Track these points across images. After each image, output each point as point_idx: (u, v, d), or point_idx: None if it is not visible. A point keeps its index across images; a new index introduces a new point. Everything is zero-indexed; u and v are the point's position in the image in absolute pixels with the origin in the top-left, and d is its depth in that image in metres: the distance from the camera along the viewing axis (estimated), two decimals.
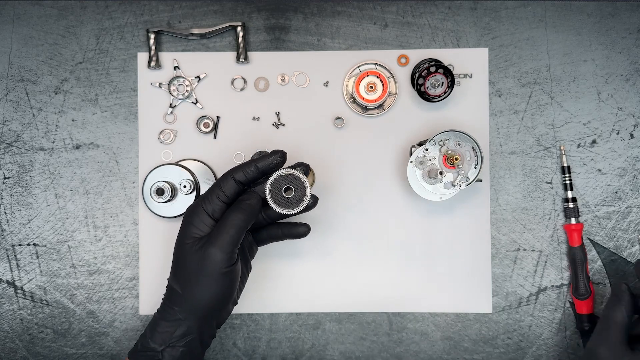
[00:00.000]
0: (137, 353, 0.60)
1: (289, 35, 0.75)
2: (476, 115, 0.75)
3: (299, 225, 0.64)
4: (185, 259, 0.58)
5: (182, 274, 0.58)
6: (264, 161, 0.59)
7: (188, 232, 0.58)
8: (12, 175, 0.75)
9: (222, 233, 0.56)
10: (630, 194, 0.74)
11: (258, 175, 0.59)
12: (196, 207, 0.59)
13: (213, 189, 0.59)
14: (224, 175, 0.59)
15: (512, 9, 0.75)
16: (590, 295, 0.72)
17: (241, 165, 0.60)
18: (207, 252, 0.56)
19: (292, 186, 0.58)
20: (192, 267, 0.57)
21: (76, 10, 0.75)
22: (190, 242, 0.58)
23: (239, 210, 0.57)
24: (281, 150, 0.60)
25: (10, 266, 0.75)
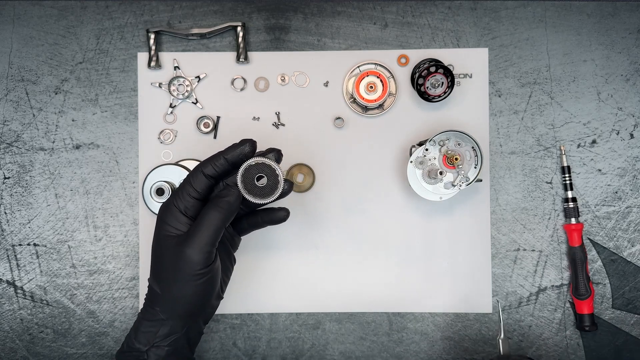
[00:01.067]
0: (123, 353, 0.59)
1: (289, 35, 0.75)
2: (476, 115, 0.75)
3: (277, 211, 0.62)
4: (162, 259, 0.56)
5: (160, 274, 0.57)
6: (233, 152, 0.56)
7: (163, 231, 0.56)
8: (12, 175, 0.75)
9: (199, 233, 0.54)
10: (630, 194, 0.74)
11: (228, 167, 0.57)
12: (168, 205, 0.56)
13: (183, 185, 0.56)
14: (193, 170, 0.57)
15: (512, 9, 0.75)
16: (590, 295, 0.72)
17: (210, 158, 0.57)
18: (184, 253, 0.54)
19: (264, 174, 0.56)
20: (169, 268, 0.55)
21: (76, 10, 0.75)
22: (166, 241, 0.56)
23: (217, 208, 0.55)
24: (250, 140, 0.57)
25: (10, 266, 0.75)
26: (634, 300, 0.74)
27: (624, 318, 0.74)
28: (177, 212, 0.56)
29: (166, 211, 0.56)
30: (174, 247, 0.55)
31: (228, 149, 0.57)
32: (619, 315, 0.74)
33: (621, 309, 0.74)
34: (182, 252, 0.54)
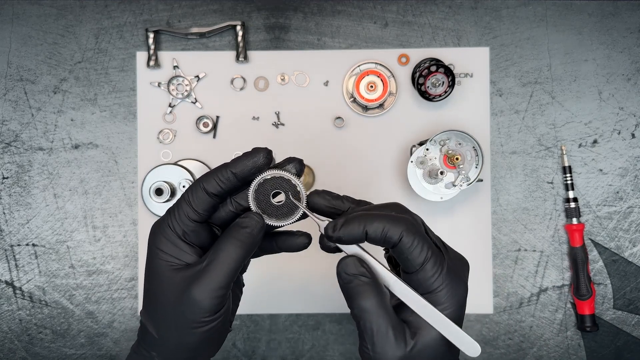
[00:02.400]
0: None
1: (288, 34, 0.75)
2: (477, 115, 0.74)
3: (297, 236, 0.49)
4: (159, 296, 0.44)
5: (156, 314, 0.45)
6: (243, 165, 0.43)
7: (159, 260, 0.44)
8: (11, 175, 0.74)
9: (212, 272, 0.42)
10: (631, 194, 0.74)
11: (236, 183, 0.44)
12: (162, 228, 0.45)
13: (180, 204, 0.44)
14: (192, 186, 0.44)
15: (513, 8, 0.74)
16: (592, 295, 0.72)
17: (213, 172, 0.44)
18: (190, 296, 0.42)
19: (282, 190, 0.45)
20: (168, 309, 0.44)
21: (75, 9, 0.75)
22: (166, 274, 0.44)
23: (236, 242, 0.43)
24: (264, 149, 0.44)
25: (9, 266, 0.74)
26: (635, 300, 0.74)
27: (625, 319, 0.74)
28: (174, 236, 0.44)
29: (160, 235, 0.44)
30: (177, 285, 0.43)
31: (237, 160, 0.44)
32: (620, 316, 0.74)
33: (622, 309, 0.74)
34: (189, 295, 0.42)
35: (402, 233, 0.41)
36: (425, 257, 0.41)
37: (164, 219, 0.45)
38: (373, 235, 0.41)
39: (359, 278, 0.42)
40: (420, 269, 0.41)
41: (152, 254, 0.45)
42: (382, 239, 0.41)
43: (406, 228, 0.41)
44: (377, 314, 0.41)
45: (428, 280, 0.41)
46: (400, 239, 0.41)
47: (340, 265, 0.43)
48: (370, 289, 0.42)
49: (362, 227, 0.41)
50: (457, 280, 0.43)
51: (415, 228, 0.42)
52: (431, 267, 0.41)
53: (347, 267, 0.42)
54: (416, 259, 0.41)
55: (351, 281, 0.42)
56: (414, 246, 0.41)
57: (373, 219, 0.41)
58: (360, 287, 0.42)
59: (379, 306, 0.41)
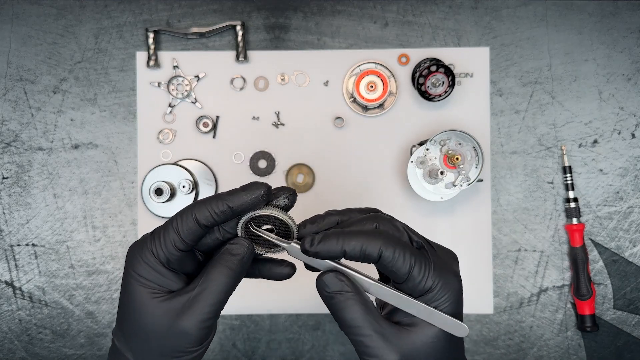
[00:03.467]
0: None
1: (288, 34, 0.75)
2: (477, 115, 0.74)
3: (281, 265, 0.47)
4: (141, 323, 0.42)
5: (137, 342, 0.43)
6: (240, 200, 0.41)
7: (139, 287, 0.42)
8: (11, 175, 0.74)
9: (202, 302, 0.41)
10: (631, 194, 0.74)
11: (231, 216, 0.42)
12: (145, 255, 0.42)
13: (167, 231, 0.42)
14: (183, 215, 0.42)
15: (513, 8, 0.74)
16: (592, 295, 0.72)
17: (207, 202, 0.41)
18: (180, 326, 0.41)
19: (273, 226, 0.44)
20: (152, 337, 0.42)
21: (75, 9, 0.75)
22: (148, 302, 0.42)
23: (228, 271, 0.42)
24: (265, 185, 0.42)
25: (8, 266, 0.74)
26: (635, 300, 0.74)
27: (625, 319, 0.74)
28: (157, 264, 0.42)
29: (141, 261, 0.42)
30: (163, 314, 0.41)
31: (234, 194, 0.42)
32: (621, 316, 0.74)
33: (622, 309, 0.74)
34: (177, 325, 0.41)
35: (380, 249, 0.40)
36: (410, 264, 0.40)
37: (144, 244, 0.42)
38: (352, 253, 0.40)
39: (340, 294, 0.41)
40: (408, 277, 0.41)
41: (131, 280, 0.42)
42: (362, 257, 0.40)
43: (384, 242, 0.40)
44: (364, 326, 0.41)
45: (418, 284, 0.41)
46: (380, 254, 0.40)
47: (319, 282, 0.42)
48: (353, 302, 0.41)
49: (340, 246, 0.40)
50: (448, 274, 0.42)
51: (393, 240, 0.41)
52: (418, 272, 0.41)
53: (327, 285, 0.42)
54: (401, 270, 0.40)
55: (333, 297, 0.41)
56: (396, 258, 0.40)
57: (351, 237, 0.41)
58: (343, 302, 0.41)
59: (365, 318, 0.41)
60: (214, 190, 0.74)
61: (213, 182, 0.74)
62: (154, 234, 0.42)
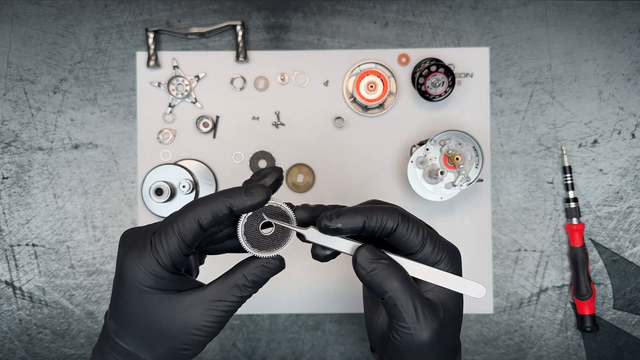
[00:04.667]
0: None
1: (288, 34, 0.75)
2: (477, 115, 0.74)
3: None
4: (146, 324, 0.42)
5: (143, 341, 0.43)
6: (242, 202, 0.41)
7: (143, 293, 0.41)
8: (11, 175, 0.74)
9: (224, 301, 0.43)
10: (631, 194, 0.74)
11: (230, 217, 0.42)
12: (148, 264, 0.41)
13: (169, 236, 0.41)
14: (184, 217, 0.41)
15: (513, 8, 0.74)
16: (592, 295, 0.72)
17: (208, 202, 0.41)
18: (193, 324, 0.42)
19: (270, 219, 0.43)
20: (160, 336, 0.42)
21: (75, 9, 0.75)
22: (149, 301, 0.42)
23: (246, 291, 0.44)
24: (267, 189, 0.42)
25: (9, 266, 0.74)
26: (635, 300, 0.74)
27: (625, 319, 0.74)
28: (163, 271, 0.41)
29: (145, 272, 0.41)
30: (173, 313, 0.42)
31: (234, 196, 0.41)
32: (620, 316, 0.74)
33: (622, 309, 0.74)
34: (189, 322, 0.42)
35: (398, 219, 0.42)
36: (423, 235, 0.43)
37: (144, 253, 0.41)
38: (372, 224, 0.42)
39: (380, 262, 0.43)
40: (421, 249, 0.43)
41: (133, 289, 0.41)
42: (381, 228, 0.42)
43: (400, 214, 0.43)
44: (410, 291, 0.42)
45: (431, 255, 0.43)
46: (397, 225, 0.42)
47: (357, 256, 0.43)
48: (395, 269, 0.42)
49: (361, 217, 0.42)
50: (451, 247, 0.46)
51: (407, 213, 0.43)
52: (430, 243, 0.43)
53: (367, 256, 0.43)
54: (415, 240, 0.43)
55: (375, 267, 0.42)
56: (411, 229, 0.43)
57: (370, 210, 0.42)
58: (385, 270, 0.42)
59: (409, 283, 0.42)
60: (214, 190, 0.74)
61: (213, 182, 0.74)
62: (153, 243, 0.41)
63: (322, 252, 0.45)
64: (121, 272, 0.42)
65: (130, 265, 0.41)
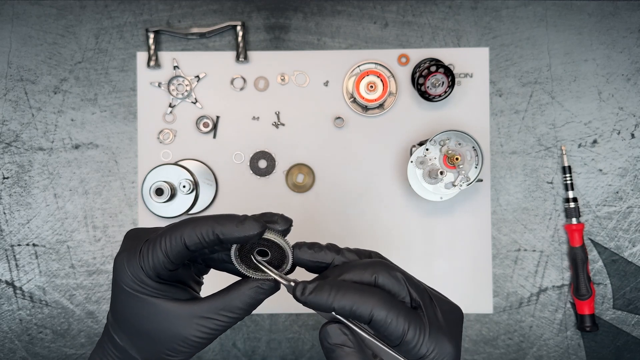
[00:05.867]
0: None
1: (288, 34, 0.75)
2: (477, 115, 0.74)
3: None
4: (136, 323, 0.43)
5: (134, 338, 0.43)
6: (230, 233, 0.40)
7: (122, 284, 0.42)
8: (11, 175, 0.75)
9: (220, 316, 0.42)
10: (631, 194, 0.74)
11: (218, 245, 0.41)
12: (134, 270, 0.41)
13: (155, 250, 0.41)
14: (172, 235, 0.41)
15: (513, 8, 0.74)
16: (591, 295, 0.72)
17: (198, 226, 0.40)
18: (182, 333, 0.42)
19: (268, 249, 0.42)
20: (148, 337, 0.43)
21: (75, 9, 0.75)
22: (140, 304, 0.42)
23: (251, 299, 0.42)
24: (261, 224, 0.40)
25: (9, 266, 0.74)
26: (634, 300, 0.74)
27: (625, 318, 0.74)
28: (141, 273, 0.41)
29: (130, 276, 0.42)
30: (163, 319, 0.42)
31: (224, 224, 0.40)
32: (620, 316, 0.74)
33: (622, 309, 0.74)
34: (179, 331, 0.42)
35: (372, 311, 0.38)
36: (403, 328, 0.38)
37: (131, 260, 0.41)
38: (341, 312, 0.39)
39: (341, 348, 0.39)
40: (402, 342, 0.38)
41: (120, 288, 0.42)
42: (352, 316, 0.39)
43: (376, 303, 0.38)
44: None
45: (412, 349, 0.39)
46: (371, 316, 0.38)
47: (321, 333, 0.40)
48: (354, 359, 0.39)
49: (331, 301, 0.39)
50: (444, 341, 0.39)
51: (387, 300, 0.39)
52: (412, 336, 0.38)
53: (329, 337, 0.40)
54: (393, 333, 0.38)
55: (334, 351, 0.39)
56: (388, 321, 0.38)
57: (342, 294, 0.38)
58: (343, 357, 0.39)
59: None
60: (214, 190, 0.74)
61: (213, 182, 0.74)
62: (141, 251, 0.41)
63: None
64: (113, 271, 0.43)
65: (119, 266, 0.42)
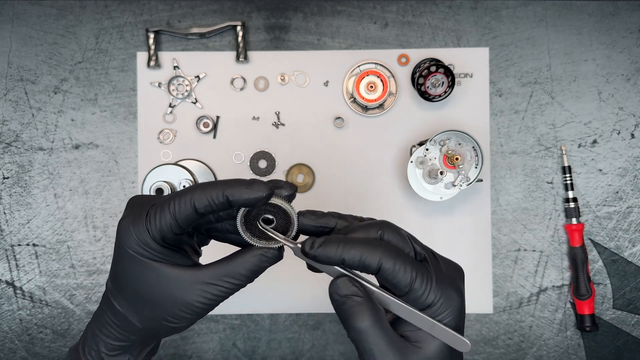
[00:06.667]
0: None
1: (288, 34, 0.75)
2: (477, 115, 0.74)
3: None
4: (139, 289, 0.43)
5: (135, 305, 0.44)
6: (240, 195, 0.40)
7: (127, 248, 0.42)
8: (12, 175, 0.75)
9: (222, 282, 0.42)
10: (631, 194, 0.74)
11: (227, 208, 0.41)
12: (140, 232, 0.41)
13: (164, 213, 0.41)
14: (181, 198, 0.41)
15: (513, 8, 0.74)
16: (591, 295, 0.72)
17: (207, 189, 0.41)
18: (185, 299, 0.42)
19: (274, 216, 0.43)
20: (150, 304, 0.43)
21: (75, 9, 0.75)
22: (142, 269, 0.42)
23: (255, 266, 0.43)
24: (269, 187, 0.41)
25: (9, 266, 0.74)
26: (634, 300, 0.74)
27: (625, 318, 0.74)
28: (147, 236, 0.42)
29: (135, 239, 0.42)
30: (165, 285, 0.42)
31: (234, 187, 0.41)
32: (620, 316, 0.74)
33: (622, 309, 0.74)
34: (181, 296, 0.42)
35: (380, 260, 0.39)
36: (411, 277, 0.39)
37: (137, 222, 0.42)
38: (350, 262, 0.40)
39: (352, 298, 0.40)
40: (409, 290, 0.40)
41: (124, 252, 0.42)
42: (361, 267, 0.40)
43: (384, 254, 0.39)
44: (375, 334, 0.40)
45: (420, 298, 0.40)
46: (379, 266, 0.39)
47: (331, 287, 0.41)
48: (365, 308, 0.40)
49: (340, 253, 0.40)
50: (449, 290, 0.41)
51: (394, 251, 0.40)
52: (419, 285, 0.40)
53: (339, 289, 0.41)
54: (401, 282, 0.39)
55: (344, 302, 0.40)
56: (396, 270, 0.39)
57: (351, 245, 0.40)
58: (354, 307, 0.40)
59: (376, 325, 0.40)
60: None
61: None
62: (149, 214, 0.41)
63: (314, 266, 0.43)
64: (117, 235, 0.43)
65: (124, 230, 0.42)
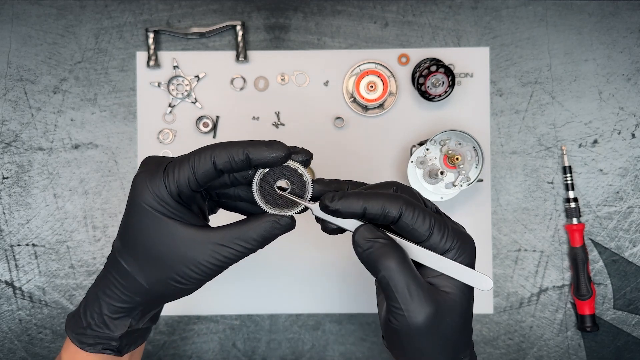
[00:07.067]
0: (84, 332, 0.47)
1: (288, 34, 0.75)
2: (477, 115, 0.74)
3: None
4: (151, 246, 0.43)
5: (144, 263, 0.44)
6: (260, 154, 0.42)
7: (141, 202, 0.42)
8: (11, 175, 0.74)
9: (234, 244, 0.43)
10: (631, 194, 0.74)
11: (247, 167, 0.42)
12: (157, 186, 0.42)
13: (183, 167, 0.42)
14: (202, 154, 0.42)
15: (513, 8, 0.74)
16: (592, 295, 0.72)
17: (228, 147, 0.42)
18: (195, 258, 0.43)
19: (288, 180, 0.44)
20: (161, 262, 0.43)
21: (75, 9, 0.75)
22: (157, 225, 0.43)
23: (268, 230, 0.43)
24: (288, 148, 0.42)
25: (9, 266, 0.74)
26: (635, 300, 0.74)
27: (625, 319, 0.74)
28: (168, 196, 0.42)
29: (151, 192, 0.42)
30: (178, 243, 0.43)
31: (255, 146, 0.42)
32: (620, 316, 0.74)
33: (622, 309, 0.74)
34: (191, 255, 0.43)
35: (401, 208, 0.41)
36: (430, 224, 0.42)
37: (155, 176, 0.42)
38: (373, 211, 0.42)
39: (377, 241, 0.42)
40: (429, 237, 0.42)
41: (138, 207, 0.42)
42: (383, 216, 0.42)
43: (404, 203, 0.42)
44: (405, 272, 0.41)
45: (439, 243, 0.43)
46: (400, 214, 0.42)
47: (356, 234, 0.43)
48: (392, 248, 0.42)
49: (361, 204, 0.42)
50: (464, 235, 0.44)
51: (412, 201, 0.42)
52: (438, 231, 0.42)
53: (365, 233, 0.43)
54: (421, 228, 0.42)
55: (371, 246, 0.42)
56: (416, 217, 0.42)
57: (372, 197, 0.42)
58: (381, 249, 0.42)
59: (405, 264, 0.42)
60: None
61: None
62: (167, 169, 0.42)
63: (330, 226, 0.45)
64: (131, 190, 0.43)
65: (140, 184, 0.42)
